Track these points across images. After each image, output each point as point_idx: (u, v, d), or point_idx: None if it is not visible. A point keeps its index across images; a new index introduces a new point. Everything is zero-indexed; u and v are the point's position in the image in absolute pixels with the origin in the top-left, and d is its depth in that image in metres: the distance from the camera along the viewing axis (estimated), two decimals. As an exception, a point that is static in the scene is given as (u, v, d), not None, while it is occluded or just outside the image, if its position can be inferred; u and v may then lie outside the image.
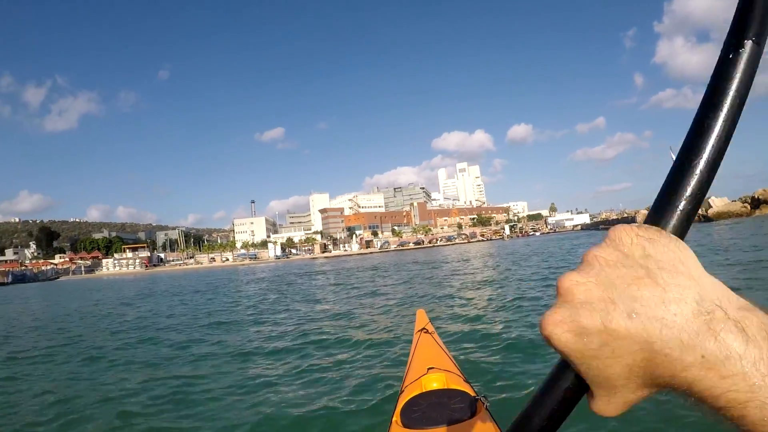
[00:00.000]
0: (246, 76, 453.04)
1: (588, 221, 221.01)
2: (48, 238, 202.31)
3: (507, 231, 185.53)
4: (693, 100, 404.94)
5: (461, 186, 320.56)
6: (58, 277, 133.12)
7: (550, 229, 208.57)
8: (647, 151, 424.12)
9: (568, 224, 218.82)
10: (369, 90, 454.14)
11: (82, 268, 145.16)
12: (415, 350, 5.13)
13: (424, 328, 5.49)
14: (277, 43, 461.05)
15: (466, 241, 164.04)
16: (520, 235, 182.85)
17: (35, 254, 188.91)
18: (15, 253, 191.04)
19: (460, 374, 4.47)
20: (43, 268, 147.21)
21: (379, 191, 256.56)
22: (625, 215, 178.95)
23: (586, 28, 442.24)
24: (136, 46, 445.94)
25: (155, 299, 32.24)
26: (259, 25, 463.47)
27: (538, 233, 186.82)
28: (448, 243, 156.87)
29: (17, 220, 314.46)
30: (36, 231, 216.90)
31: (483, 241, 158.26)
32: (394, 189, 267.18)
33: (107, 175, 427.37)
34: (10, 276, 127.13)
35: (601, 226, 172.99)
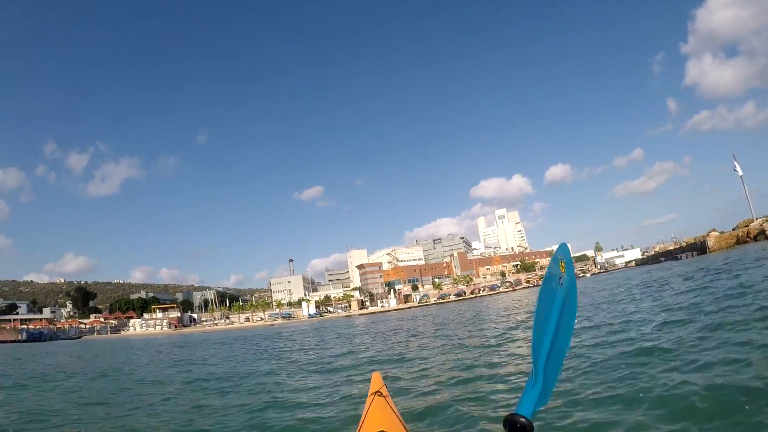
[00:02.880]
0: (283, 137, 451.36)
1: (639, 256, 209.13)
2: (84, 298, 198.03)
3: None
4: (730, 119, 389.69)
5: (501, 233, 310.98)
6: (80, 337, 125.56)
7: (600, 268, 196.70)
8: (689, 178, 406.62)
9: (619, 262, 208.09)
10: (403, 144, 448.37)
11: (108, 328, 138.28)
12: (367, 414, 4.82)
13: (378, 392, 5.21)
14: (312, 103, 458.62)
15: (511, 288, 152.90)
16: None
17: (71, 313, 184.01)
18: (52, 312, 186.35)
19: None
20: (66, 326, 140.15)
21: (417, 244, 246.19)
22: (684, 243, 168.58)
23: (614, 58, 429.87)
24: (174, 111, 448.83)
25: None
26: (294, 88, 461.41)
27: (588, 274, 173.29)
28: (492, 292, 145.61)
29: (62, 281, 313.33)
30: (72, 291, 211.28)
31: (529, 287, 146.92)
32: (433, 241, 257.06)
33: (150, 238, 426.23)
34: (24, 333, 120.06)
35: (661, 258, 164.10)
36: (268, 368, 19.30)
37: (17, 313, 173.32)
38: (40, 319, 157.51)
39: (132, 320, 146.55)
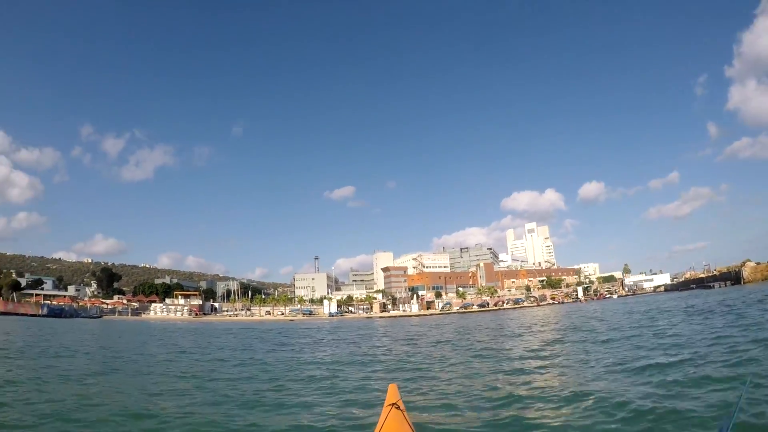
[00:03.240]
0: (319, 135, 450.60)
1: (668, 281, 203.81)
2: (109, 278, 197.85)
3: (580, 293, 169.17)
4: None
5: (530, 247, 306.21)
6: (101, 316, 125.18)
7: (628, 291, 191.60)
8: (725, 206, 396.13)
9: (647, 285, 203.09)
10: (438, 149, 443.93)
11: (129, 310, 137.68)
12: (382, 426, 4.93)
13: (394, 404, 5.26)
14: (350, 104, 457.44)
15: (535, 304, 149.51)
16: (595, 297, 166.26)
17: (94, 293, 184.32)
18: (76, 290, 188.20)
19: None
20: (88, 305, 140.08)
21: (444, 251, 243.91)
22: (716, 272, 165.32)
23: (656, 78, 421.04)
24: (211, 102, 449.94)
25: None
26: (333, 88, 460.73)
27: (615, 296, 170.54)
28: (516, 306, 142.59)
29: (90, 261, 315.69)
30: (98, 271, 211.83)
31: (554, 304, 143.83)
32: (461, 249, 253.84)
33: (179, 225, 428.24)
34: (45, 308, 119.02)
35: (692, 286, 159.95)
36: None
37: (42, 289, 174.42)
38: (64, 296, 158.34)
39: (153, 304, 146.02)
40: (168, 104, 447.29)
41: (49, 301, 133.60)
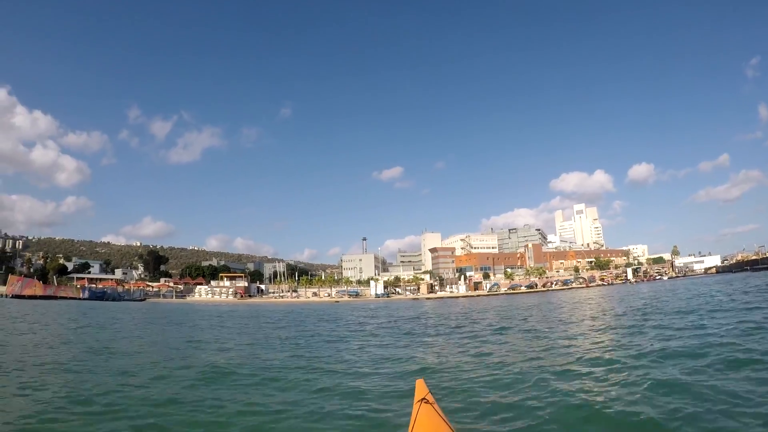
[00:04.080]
0: (367, 115, 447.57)
1: (719, 263, 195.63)
2: (156, 261, 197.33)
3: (629, 275, 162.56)
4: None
5: (578, 228, 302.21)
6: (144, 299, 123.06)
7: (678, 272, 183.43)
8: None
9: (697, 267, 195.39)
10: (488, 129, 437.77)
11: (174, 293, 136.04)
12: (415, 422, 4.88)
13: (424, 398, 5.16)
14: (399, 85, 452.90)
15: (584, 285, 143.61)
16: (645, 279, 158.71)
17: (141, 276, 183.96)
18: (124, 273, 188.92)
19: None
20: (132, 288, 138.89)
21: (492, 232, 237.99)
22: (760, 256, 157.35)
23: (708, 59, 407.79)
24: (259, 83, 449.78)
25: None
26: (382, 69, 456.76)
27: (665, 277, 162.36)
28: (564, 287, 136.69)
29: (139, 244, 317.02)
30: (145, 254, 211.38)
31: (603, 285, 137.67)
32: (509, 230, 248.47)
33: (227, 207, 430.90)
34: (86, 291, 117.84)
35: (746, 267, 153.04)
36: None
37: (89, 273, 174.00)
38: (110, 280, 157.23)
39: (199, 287, 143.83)
40: (215, 86, 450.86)
41: (93, 285, 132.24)
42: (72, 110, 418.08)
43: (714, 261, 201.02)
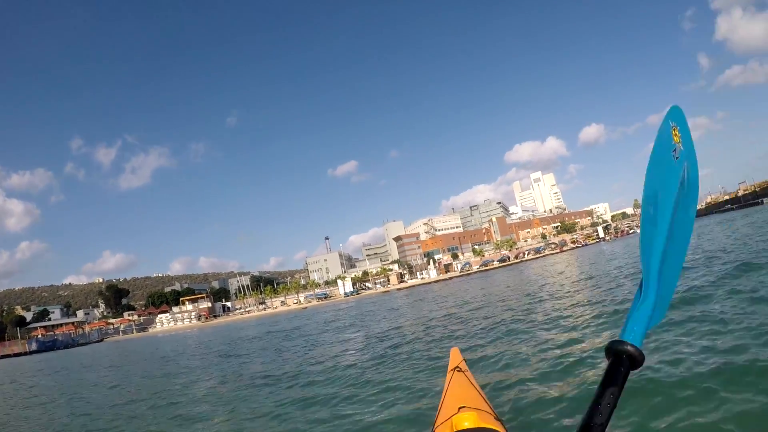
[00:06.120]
0: (315, 114, 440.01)
1: None
2: (116, 296, 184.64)
3: (601, 232, 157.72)
4: (761, 73, 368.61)
5: (538, 196, 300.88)
6: (102, 339, 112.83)
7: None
8: (723, 133, 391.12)
9: None
10: (436, 112, 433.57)
11: (133, 327, 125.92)
12: (447, 389, 4.67)
13: (457, 367, 5.12)
14: (343, 78, 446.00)
15: (557, 250, 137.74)
16: (618, 235, 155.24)
17: (104, 313, 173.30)
18: (85, 314, 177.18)
19: (493, 413, 4.13)
20: (87, 330, 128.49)
21: (454, 212, 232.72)
22: (742, 192, 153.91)
23: (643, 15, 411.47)
24: (201, 96, 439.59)
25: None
26: (324, 65, 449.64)
27: (638, 230, 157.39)
28: (538, 255, 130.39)
29: (101, 280, 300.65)
30: (104, 290, 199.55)
31: (577, 247, 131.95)
32: (470, 207, 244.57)
33: (187, 228, 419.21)
34: (33, 343, 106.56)
35: (728, 206, 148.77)
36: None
37: (49, 319, 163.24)
38: (69, 324, 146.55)
39: (159, 316, 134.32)
40: (155, 104, 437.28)
41: (45, 333, 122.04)
42: (10, 150, 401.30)
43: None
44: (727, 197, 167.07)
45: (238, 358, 21.35)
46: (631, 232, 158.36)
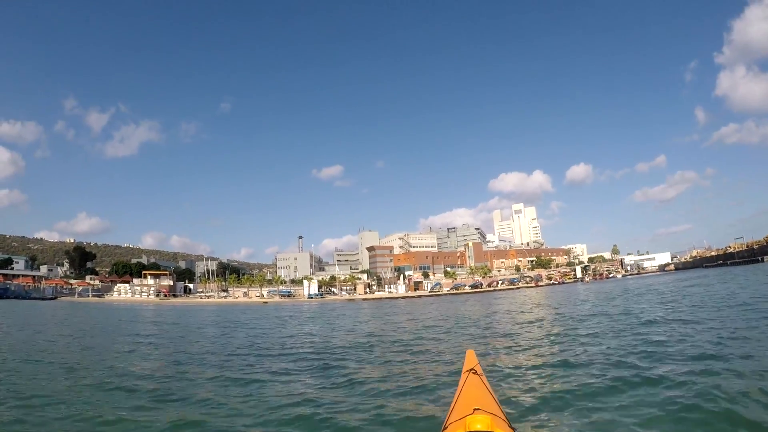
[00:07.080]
0: (307, 112, 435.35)
1: (668, 260, 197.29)
2: (82, 258, 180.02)
3: (579, 272, 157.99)
4: (757, 134, 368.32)
5: (516, 228, 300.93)
6: (55, 297, 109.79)
7: (629, 270, 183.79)
8: (709, 190, 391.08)
9: (648, 265, 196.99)
10: (427, 130, 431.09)
11: (90, 291, 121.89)
12: (461, 390, 4.91)
13: (472, 369, 5.28)
14: (342, 83, 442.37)
15: (532, 284, 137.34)
16: (597, 277, 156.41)
17: (67, 273, 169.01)
18: (49, 270, 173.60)
19: (505, 419, 4.33)
20: (43, 285, 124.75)
21: (431, 231, 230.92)
22: (732, 249, 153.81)
23: (646, 61, 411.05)
24: (199, 76, 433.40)
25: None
26: (325, 66, 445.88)
27: (618, 276, 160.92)
28: (512, 287, 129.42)
29: (72, 240, 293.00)
30: (71, 250, 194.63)
31: (553, 284, 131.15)
32: (448, 229, 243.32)
33: (164, 204, 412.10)
34: None
35: (720, 261, 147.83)
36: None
37: (12, 268, 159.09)
38: (29, 276, 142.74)
39: (118, 285, 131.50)
40: (154, 78, 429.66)
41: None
42: (5, 99, 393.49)
43: (664, 258, 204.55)
44: (714, 253, 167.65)
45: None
46: (611, 276, 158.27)
